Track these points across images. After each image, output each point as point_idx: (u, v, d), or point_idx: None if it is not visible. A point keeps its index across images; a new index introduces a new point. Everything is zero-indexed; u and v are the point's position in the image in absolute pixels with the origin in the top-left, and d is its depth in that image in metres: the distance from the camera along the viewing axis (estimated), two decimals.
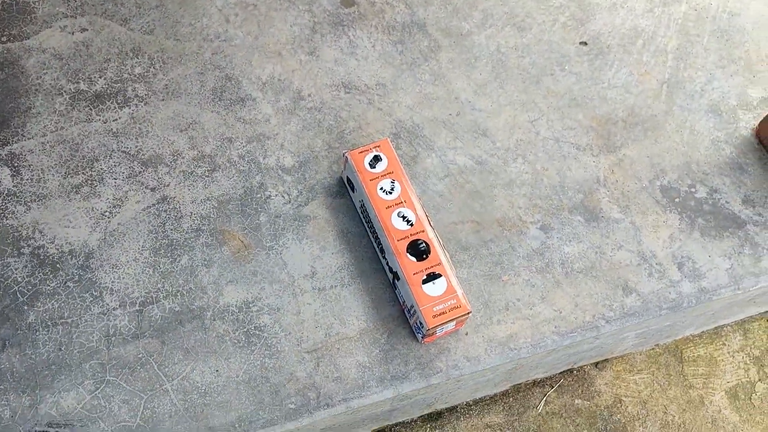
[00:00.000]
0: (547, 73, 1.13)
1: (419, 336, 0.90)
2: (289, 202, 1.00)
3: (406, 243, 0.90)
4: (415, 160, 1.04)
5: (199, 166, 1.02)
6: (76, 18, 1.12)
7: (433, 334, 0.89)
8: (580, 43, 1.16)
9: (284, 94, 1.08)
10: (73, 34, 1.11)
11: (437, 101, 1.09)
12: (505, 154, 1.05)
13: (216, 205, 0.99)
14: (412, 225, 0.91)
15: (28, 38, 1.10)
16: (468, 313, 0.87)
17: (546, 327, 0.94)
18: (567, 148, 1.07)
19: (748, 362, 1.19)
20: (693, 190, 1.04)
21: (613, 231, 1.01)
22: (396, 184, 0.94)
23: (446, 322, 0.87)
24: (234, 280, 0.94)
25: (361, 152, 0.96)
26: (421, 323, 0.87)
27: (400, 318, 0.93)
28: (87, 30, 1.11)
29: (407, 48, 1.13)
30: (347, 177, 0.99)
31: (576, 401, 1.13)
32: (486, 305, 0.94)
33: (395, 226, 0.91)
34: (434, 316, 0.86)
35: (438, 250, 0.90)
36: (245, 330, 0.91)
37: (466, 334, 0.93)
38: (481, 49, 1.14)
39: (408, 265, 0.89)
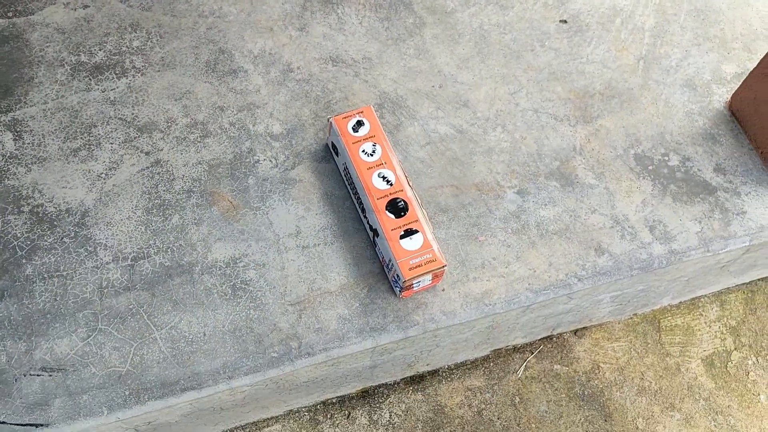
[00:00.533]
0: (528, 49, 1.17)
1: (397, 290, 0.94)
2: (277, 166, 1.04)
3: (385, 201, 0.94)
4: (398, 129, 1.08)
5: (192, 133, 1.06)
6: None
7: (410, 287, 0.93)
8: (560, 21, 1.20)
9: (274, 67, 1.13)
10: (75, 10, 1.16)
11: (421, 74, 1.14)
12: (485, 124, 1.10)
13: (207, 168, 1.04)
14: (391, 185, 0.96)
15: (33, 14, 1.15)
16: (443, 266, 0.91)
17: (520, 284, 0.98)
18: (545, 118, 1.11)
19: (725, 332, 1.22)
20: (666, 158, 1.08)
21: (587, 196, 1.05)
22: (377, 147, 0.98)
23: (422, 275, 0.91)
24: (222, 237, 0.99)
25: (345, 117, 1.01)
26: (398, 276, 0.91)
27: (380, 274, 0.97)
28: (89, 6, 1.17)
29: (393, 24, 1.18)
30: (331, 142, 1.03)
31: (555, 367, 1.16)
32: (463, 263, 0.98)
33: (375, 186, 0.96)
34: (410, 269, 0.90)
35: (416, 207, 0.94)
36: (232, 284, 0.95)
37: (443, 290, 0.97)
38: (464, 26, 1.18)
39: (387, 222, 0.93)
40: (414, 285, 0.92)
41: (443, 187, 1.04)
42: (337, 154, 1.03)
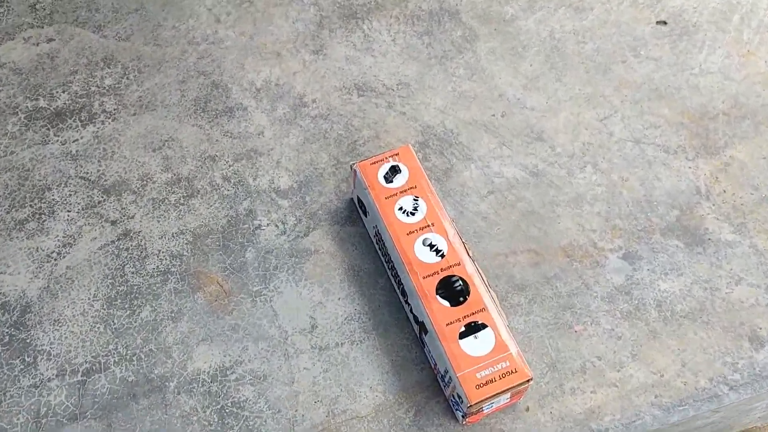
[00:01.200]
0: (618, 61, 0.88)
1: (459, 414, 0.63)
2: (285, 233, 0.77)
3: (435, 281, 0.65)
4: (448, 175, 0.80)
5: (173, 192, 0.80)
6: (43, 28, 0.94)
7: (479, 411, 0.62)
8: (658, 22, 0.90)
9: (282, 101, 0.86)
10: (37, 45, 0.93)
11: (476, 100, 0.85)
12: (569, 162, 0.80)
13: (191, 239, 0.77)
14: (443, 256, 0.66)
15: None
16: (528, 380, 0.60)
17: (642, 397, 0.66)
18: (652, 151, 0.80)
19: None
20: None
21: (726, 258, 0.73)
22: (420, 202, 0.69)
23: (497, 395, 0.60)
24: (208, 337, 0.70)
25: (374, 163, 0.73)
26: (459, 397, 0.61)
27: (432, 387, 0.67)
28: (54, 40, 0.93)
29: (436, 39, 0.90)
30: (357, 197, 0.75)
31: None
32: (553, 367, 0.67)
33: (420, 259, 0.66)
34: (478, 387, 0.60)
35: (481, 289, 0.64)
36: (219, 407, 0.67)
37: (527, 409, 0.66)
38: (529, 36, 0.90)
39: (439, 313, 0.63)
40: (484, 408, 0.62)
41: (516, 254, 0.74)
42: (365, 214, 0.74)
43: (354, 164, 0.73)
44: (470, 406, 0.59)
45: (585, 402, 0.66)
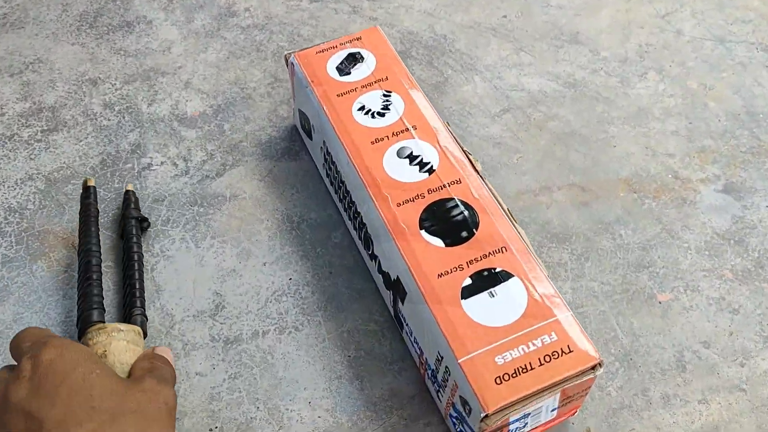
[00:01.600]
0: None
1: None
2: (187, 172, 0.49)
3: (420, 208, 0.37)
4: (441, 90, 0.53)
5: (29, 126, 0.53)
6: None
7: (501, 431, 0.33)
8: None
9: (203, 11, 0.61)
10: None
11: (477, 0, 0.60)
12: (622, 68, 0.53)
13: (42, 187, 0.49)
14: (431, 171, 0.39)
15: None
16: (594, 367, 0.32)
17: None
18: (744, 50, 0.54)
19: None
20: None
21: None
22: (395, 97, 0.43)
23: (533, 397, 0.31)
24: (45, 327, 0.42)
25: (322, 51, 0.46)
26: (465, 403, 0.32)
27: (418, 399, 0.38)
28: None
29: None
30: (300, 111, 0.48)
31: None
32: (628, 361, 0.39)
33: (393, 177, 0.39)
34: (500, 381, 0.31)
35: (498, 219, 0.37)
36: None
37: (588, 431, 0.37)
38: None
39: (425, 256, 0.35)
40: (512, 422, 0.32)
41: (551, 191, 0.46)
42: (310, 136, 0.47)
43: (290, 54, 0.47)
44: (485, 417, 0.30)
45: (691, 419, 0.37)
